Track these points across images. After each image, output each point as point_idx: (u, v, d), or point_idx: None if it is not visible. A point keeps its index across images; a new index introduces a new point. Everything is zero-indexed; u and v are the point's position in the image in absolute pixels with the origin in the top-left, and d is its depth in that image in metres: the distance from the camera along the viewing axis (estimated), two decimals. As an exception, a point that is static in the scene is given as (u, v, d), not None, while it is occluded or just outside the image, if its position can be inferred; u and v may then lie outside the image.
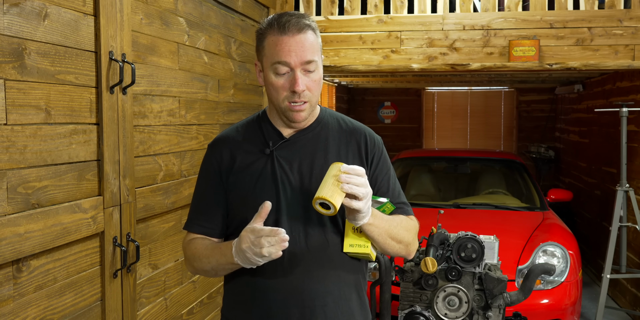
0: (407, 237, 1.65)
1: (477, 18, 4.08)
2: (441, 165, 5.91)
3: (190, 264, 1.69)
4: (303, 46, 1.54)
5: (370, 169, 1.68)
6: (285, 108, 1.59)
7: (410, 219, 1.72)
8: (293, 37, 1.54)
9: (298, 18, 1.56)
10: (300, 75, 1.55)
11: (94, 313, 2.05)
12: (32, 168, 1.74)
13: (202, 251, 1.63)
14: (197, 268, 1.67)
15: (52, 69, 1.82)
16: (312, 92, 1.58)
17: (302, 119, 1.61)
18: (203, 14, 2.95)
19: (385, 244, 1.60)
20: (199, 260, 1.63)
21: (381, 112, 9.38)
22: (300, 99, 1.56)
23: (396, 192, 1.72)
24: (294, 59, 1.54)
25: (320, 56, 1.61)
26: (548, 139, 8.69)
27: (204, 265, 1.62)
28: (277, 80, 1.57)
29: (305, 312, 1.58)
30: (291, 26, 1.54)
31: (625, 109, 4.39)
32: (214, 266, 1.60)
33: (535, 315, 3.64)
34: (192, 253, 1.66)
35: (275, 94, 1.59)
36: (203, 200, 1.70)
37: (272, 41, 1.56)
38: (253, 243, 1.44)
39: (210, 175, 1.68)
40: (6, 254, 1.62)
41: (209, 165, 1.69)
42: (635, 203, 4.36)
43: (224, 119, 3.20)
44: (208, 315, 3.07)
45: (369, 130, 1.75)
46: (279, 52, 1.54)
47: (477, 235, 3.05)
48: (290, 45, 1.54)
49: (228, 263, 1.55)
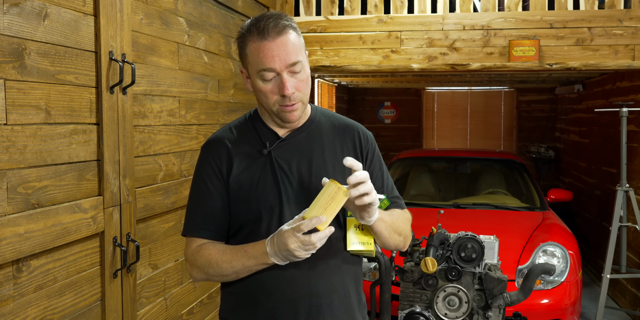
0: (405, 230, 1.70)
1: (477, 18, 4.08)
2: (441, 165, 5.91)
3: (201, 272, 1.61)
4: (286, 49, 1.53)
5: (365, 164, 1.69)
6: (278, 111, 1.59)
7: (405, 211, 1.75)
8: (274, 41, 1.52)
9: (276, 20, 1.54)
10: (288, 77, 1.54)
11: (94, 313, 2.05)
12: (32, 168, 1.74)
13: (220, 256, 1.58)
14: (212, 274, 1.60)
15: (52, 69, 1.82)
16: (301, 92, 1.58)
17: (295, 118, 1.61)
18: (203, 14, 2.95)
19: (390, 237, 1.63)
20: (216, 266, 1.57)
21: (381, 112, 9.38)
22: (290, 101, 1.56)
23: (390, 187, 1.74)
24: (278, 64, 1.53)
25: (305, 54, 1.60)
26: (548, 139, 8.69)
27: (223, 270, 1.57)
28: (265, 86, 1.56)
29: (312, 311, 1.59)
30: (270, 30, 1.52)
31: (625, 109, 4.39)
32: (238, 270, 1.56)
33: (535, 315, 3.64)
34: (207, 260, 1.58)
35: (265, 99, 1.58)
36: (207, 203, 1.64)
37: (254, 48, 1.54)
38: (303, 242, 1.45)
39: (211, 177, 1.64)
40: (6, 254, 1.62)
41: (208, 166, 1.65)
42: (635, 203, 4.36)
43: (224, 119, 3.20)
44: (208, 315, 3.07)
45: (361, 126, 1.76)
46: (263, 59, 1.53)
47: (477, 235, 3.05)
48: (273, 51, 1.52)
49: (258, 264, 1.53)
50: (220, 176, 1.64)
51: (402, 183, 5.55)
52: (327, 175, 1.62)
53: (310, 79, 1.65)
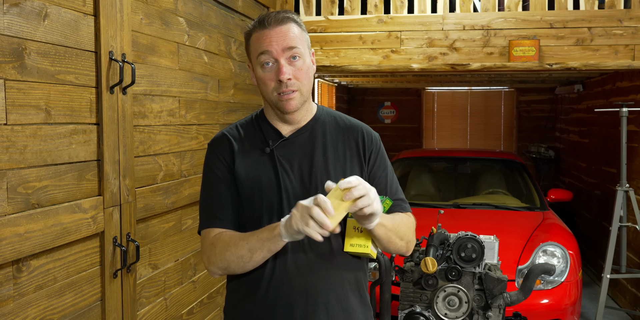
0: (408, 235, 1.68)
1: (477, 18, 4.08)
2: (441, 165, 5.91)
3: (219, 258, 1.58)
4: (284, 35, 1.58)
5: (368, 165, 1.69)
6: (276, 99, 1.61)
7: (409, 215, 1.73)
8: (273, 29, 1.58)
9: (279, 13, 1.61)
10: (285, 63, 1.57)
11: (94, 313, 2.05)
12: (32, 168, 1.74)
13: (239, 235, 1.57)
14: (229, 258, 1.57)
15: (52, 69, 1.82)
16: (300, 81, 1.59)
17: (293, 107, 1.61)
18: (203, 14, 2.95)
19: (390, 242, 1.62)
20: (234, 246, 1.55)
21: (381, 112, 9.38)
22: (287, 88, 1.58)
23: (394, 189, 1.73)
24: (274, 47, 1.56)
25: (307, 47, 1.63)
26: (548, 139, 8.69)
27: (239, 249, 1.55)
28: (263, 74, 1.60)
29: (308, 310, 1.59)
30: (271, 20, 1.59)
31: (625, 109, 4.39)
32: (252, 246, 1.53)
33: (535, 315, 3.64)
34: (226, 242, 1.57)
35: (265, 88, 1.61)
36: (223, 194, 1.64)
37: (255, 37, 1.61)
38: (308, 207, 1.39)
39: (221, 168, 1.66)
40: (6, 254, 1.62)
41: (216, 159, 1.67)
42: (635, 203, 4.36)
43: (224, 119, 3.20)
44: (208, 315, 3.07)
45: (366, 127, 1.76)
46: (261, 44, 1.58)
47: (477, 235, 3.05)
48: (271, 36, 1.58)
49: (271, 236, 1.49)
50: (229, 167, 1.66)
51: (402, 183, 5.52)
52: (328, 175, 1.62)
53: (313, 74, 1.66)
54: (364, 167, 1.68)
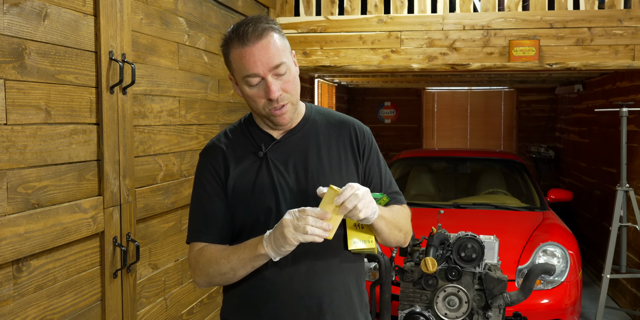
0: (406, 226, 1.70)
1: (477, 18, 4.08)
2: (441, 165, 5.91)
3: (203, 273, 1.59)
4: (267, 52, 1.52)
5: (362, 160, 1.69)
6: (268, 115, 1.59)
7: (404, 207, 1.74)
8: (254, 46, 1.52)
9: (255, 24, 1.53)
10: (273, 81, 1.53)
11: (94, 313, 2.05)
12: (32, 168, 1.74)
13: (220, 253, 1.57)
14: (212, 274, 1.58)
15: (52, 69, 1.82)
16: (289, 92, 1.57)
17: (286, 121, 1.61)
18: (203, 14, 2.95)
19: (391, 234, 1.62)
20: (215, 263, 1.56)
21: (381, 112, 9.38)
22: (279, 103, 1.56)
23: (388, 182, 1.73)
24: (261, 68, 1.52)
25: (290, 54, 1.59)
26: (548, 139, 8.69)
27: (221, 266, 1.55)
28: (251, 91, 1.57)
29: (312, 311, 1.59)
30: (250, 35, 1.52)
31: (625, 109, 4.39)
32: (234, 264, 1.53)
33: (535, 315, 3.64)
34: (208, 258, 1.58)
35: (254, 104, 1.59)
36: (209, 208, 1.64)
37: (236, 55, 1.54)
38: (298, 218, 1.41)
39: (210, 182, 1.65)
40: (6, 254, 1.62)
41: (207, 172, 1.66)
42: (635, 203, 4.36)
43: (224, 119, 3.20)
44: (208, 315, 3.07)
45: (357, 122, 1.75)
46: (246, 65, 1.53)
47: (477, 235, 3.05)
48: (254, 55, 1.52)
49: (252, 256, 1.50)
50: (219, 180, 1.64)
51: (402, 183, 5.54)
52: (324, 173, 1.62)
53: (299, 78, 1.63)
54: (359, 163, 1.68)
